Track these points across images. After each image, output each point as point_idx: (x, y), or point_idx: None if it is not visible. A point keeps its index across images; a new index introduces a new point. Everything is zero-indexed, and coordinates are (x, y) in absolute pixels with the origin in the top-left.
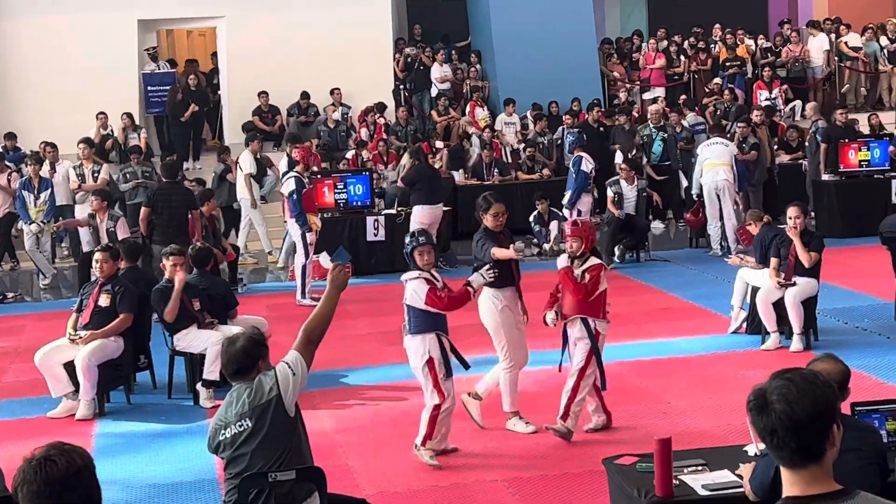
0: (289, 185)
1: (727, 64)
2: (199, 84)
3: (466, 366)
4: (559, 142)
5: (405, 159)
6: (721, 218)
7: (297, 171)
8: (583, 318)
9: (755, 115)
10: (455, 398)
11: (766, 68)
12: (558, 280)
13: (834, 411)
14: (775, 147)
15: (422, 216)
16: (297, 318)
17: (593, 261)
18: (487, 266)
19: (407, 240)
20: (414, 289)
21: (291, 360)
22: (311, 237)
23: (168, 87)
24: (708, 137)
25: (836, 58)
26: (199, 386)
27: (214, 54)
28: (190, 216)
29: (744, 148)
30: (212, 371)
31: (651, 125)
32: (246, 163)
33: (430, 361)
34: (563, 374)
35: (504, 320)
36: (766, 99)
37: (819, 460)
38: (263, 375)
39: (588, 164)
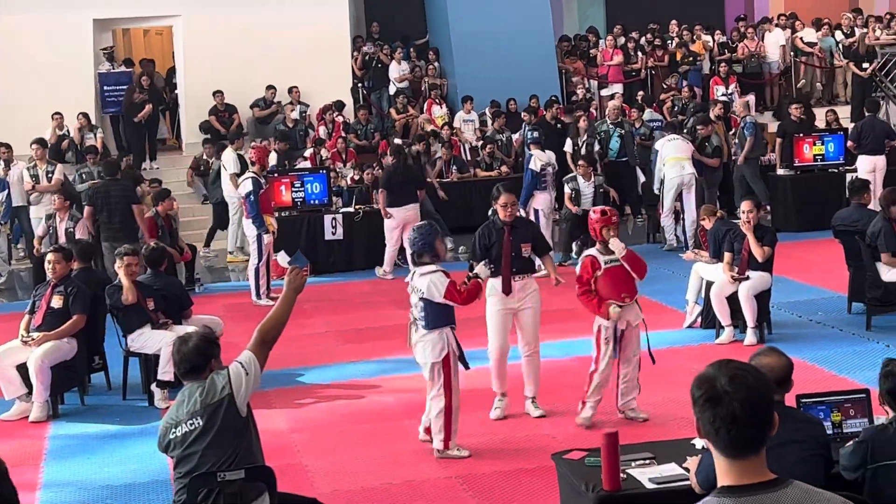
0: (245, 186)
1: (683, 60)
2: (153, 84)
3: (466, 365)
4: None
5: (388, 157)
6: (683, 212)
7: (253, 172)
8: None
9: (715, 110)
10: (460, 394)
11: (723, 64)
12: (590, 272)
13: (774, 401)
14: (734, 143)
15: (389, 218)
16: (254, 317)
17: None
18: (485, 261)
19: (423, 230)
20: (433, 282)
21: (245, 360)
22: (267, 238)
23: (124, 87)
24: (663, 135)
25: (792, 53)
26: (153, 387)
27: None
28: (135, 211)
29: (706, 147)
30: (166, 371)
31: (608, 122)
32: (230, 161)
33: (447, 357)
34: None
35: (489, 307)
36: (723, 94)
37: (759, 450)
38: (216, 374)
39: (538, 163)
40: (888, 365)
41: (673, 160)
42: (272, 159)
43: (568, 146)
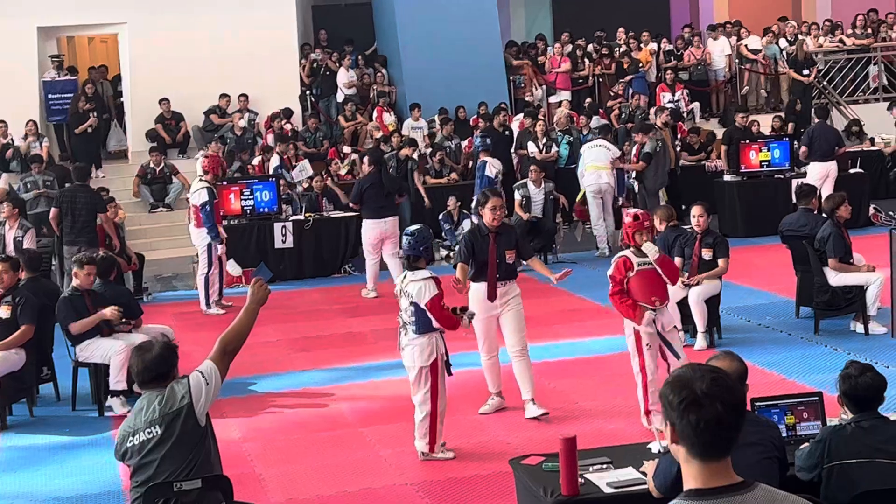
0: (201, 196)
1: (629, 68)
2: (98, 92)
3: (449, 371)
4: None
5: (366, 166)
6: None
7: (207, 181)
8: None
9: (661, 118)
10: (447, 399)
11: (669, 71)
12: (623, 272)
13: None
14: (678, 148)
15: (366, 231)
16: (205, 327)
17: (652, 248)
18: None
19: (419, 235)
20: (424, 287)
21: (206, 370)
22: (221, 249)
23: (69, 95)
24: (591, 140)
25: (737, 60)
26: (110, 399)
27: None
28: (102, 219)
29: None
30: (118, 381)
31: (557, 129)
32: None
33: (435, 362)
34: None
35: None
36: (669, 101)
37: (728, 454)
38: (176, 383)
39: (493, 169)
40: (848, 367)
41: (591, 168)
42: (274, 161)
43: (532, 149)
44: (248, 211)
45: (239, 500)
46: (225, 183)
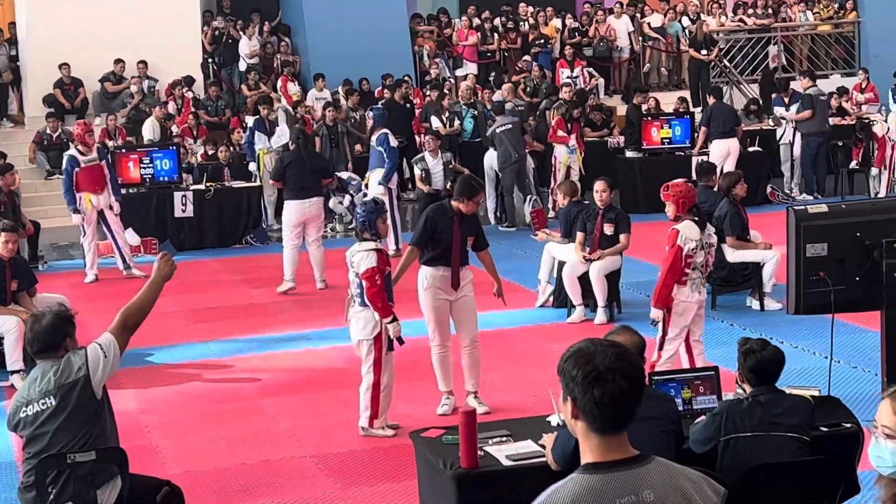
0: (64, 162)
1: (534, 42)
2: None
3: (391, 348)
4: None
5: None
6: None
7: (77, 148)
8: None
9: (564, 92)
10: (393, 373)
11: (568, 47)
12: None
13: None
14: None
15: (287, 213)
16: (100, 296)
17: (675, 226)
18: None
19: (367, 207)
20: (363, 258)
21: (104, 342)
22: (76, 219)
23: None
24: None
25: (640, 38)
26: (10, 377)
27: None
28: None
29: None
30: (14, 361)
31: (461, 102)
32: (148, 130)
33: (378, 336)
34: None
35: (427, 300)
36: (568, 77)
37: (627, 427)
38: (73, 354)
39: (395, 141)
40: (745, 343)
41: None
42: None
43: (436, 123)
44: (148, 179)
45: (135, 473)
46: (124, 150)
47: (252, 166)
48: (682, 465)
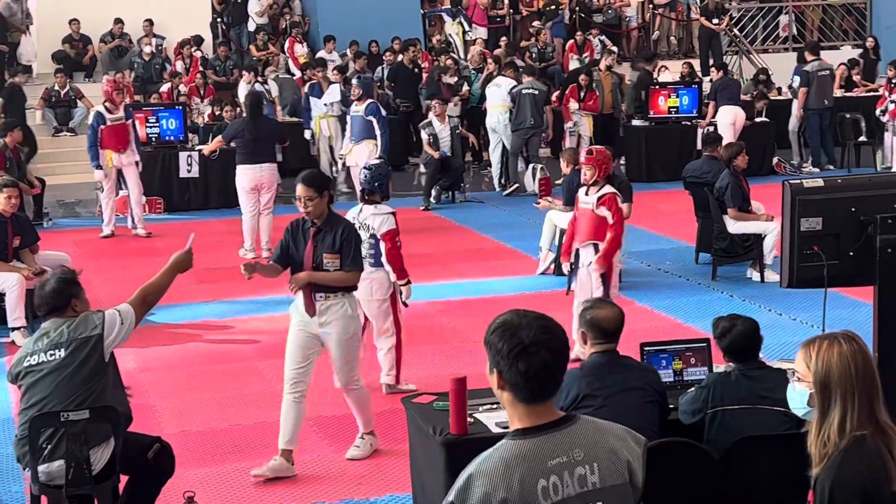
0: (90, 118)
1: (545, 9)
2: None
3: (404, 303)
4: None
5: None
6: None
7: (103, 105)
8: (594, 244)
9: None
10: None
11: (575, 16)
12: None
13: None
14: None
15: (239, 178)
16: (103, 254)
17: (607, 189)
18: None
19: (379, 170)
20: (384, 220)
21: (123, 310)
22: (98, 174)
23: None
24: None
25: (651, 5)
26: (11, 333)
27: None
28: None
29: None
30: (16, 318)
31: (471, 67)
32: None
33: (393, 294)
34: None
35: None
36: (576, 58)
37: (553, 396)
38: (92, 313)
39: (384, 110)
40: (717, 326)
41: (493, 108)
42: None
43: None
44: (154, 139)
45: (131, 431)
46: (131, 109)
47: (307, 133)
48: (610, 422)
